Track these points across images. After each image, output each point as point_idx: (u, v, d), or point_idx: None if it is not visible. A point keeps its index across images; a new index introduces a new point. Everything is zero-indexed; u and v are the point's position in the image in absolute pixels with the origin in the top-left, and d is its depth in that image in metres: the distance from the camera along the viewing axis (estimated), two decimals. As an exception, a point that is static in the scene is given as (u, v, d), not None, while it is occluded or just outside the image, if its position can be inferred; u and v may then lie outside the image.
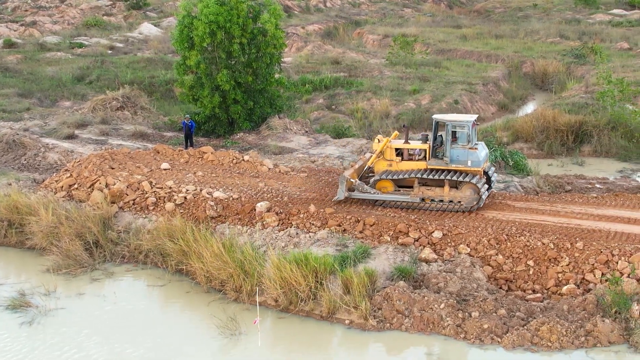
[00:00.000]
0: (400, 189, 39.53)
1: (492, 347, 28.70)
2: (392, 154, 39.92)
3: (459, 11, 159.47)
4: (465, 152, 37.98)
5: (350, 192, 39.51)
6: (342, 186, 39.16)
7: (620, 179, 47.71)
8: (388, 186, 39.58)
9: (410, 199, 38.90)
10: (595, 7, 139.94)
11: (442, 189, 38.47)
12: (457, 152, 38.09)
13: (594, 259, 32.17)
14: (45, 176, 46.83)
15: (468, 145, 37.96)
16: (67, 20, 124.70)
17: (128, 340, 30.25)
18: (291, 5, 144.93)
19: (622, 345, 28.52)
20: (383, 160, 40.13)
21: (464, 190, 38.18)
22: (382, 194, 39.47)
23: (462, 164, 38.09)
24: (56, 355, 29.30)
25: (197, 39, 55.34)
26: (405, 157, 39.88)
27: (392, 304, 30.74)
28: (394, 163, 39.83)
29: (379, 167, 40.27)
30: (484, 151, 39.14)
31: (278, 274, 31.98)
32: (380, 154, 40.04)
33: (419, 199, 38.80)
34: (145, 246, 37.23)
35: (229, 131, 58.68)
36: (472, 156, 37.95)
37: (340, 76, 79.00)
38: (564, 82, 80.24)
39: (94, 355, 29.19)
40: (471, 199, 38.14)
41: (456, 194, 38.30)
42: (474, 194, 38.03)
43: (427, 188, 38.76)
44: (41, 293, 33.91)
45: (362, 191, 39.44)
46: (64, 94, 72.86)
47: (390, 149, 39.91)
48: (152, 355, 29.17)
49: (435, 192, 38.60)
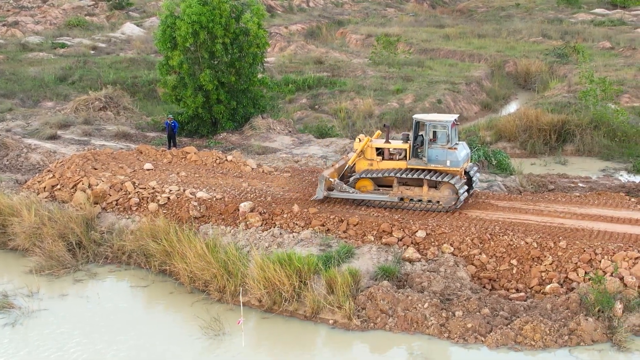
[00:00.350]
0: (379, 189, 39.64)
1: (476, 346, 28.73)
2: (372, 154, 40.00)
3: (441, 11, 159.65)
4: (444, 152, 38.00)
5: (329, 192, 39.66)
6: (321, 185, 39.35)
7: (603, 178, 47.88)
8: (368, 185, 39.68)
9: (388, 198, 39.01)
10: (578, 7, 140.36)
11: (421, 189, 38.60)
12: (436, 152, 38.14)
13: (577, 257, 32.25)
14: (27, 177, 46.66)
15: (447, 145, 37.95)
16: (50, 21, 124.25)
17: (111, 341, 30.14)
18: (274, 5, 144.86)
19: (606, 344, 28.58)
20: (364, 160, 40.20)
21: (442, 190, 38.24)
22: (361, 193, 39.58)
23: (441, 163, 38.15)
24: (39, 356, 29.15)
25: (179, 39, 55.25)
26: (386, 156, 39.98)
27: (375, 303, 30.74)
28: (375, 162, 39.91)
29: (360, 166, 40.32)
30: (464, 151, 39.15)
31: (262, 274, 31.94)
32: (361, 153, 40.14)
33: (397, 198, 38.91)
34: (128, 247, 37.14)
35: (212, 131, 58.63)
36: (451, 156, 37.97)
37: (324, 76, 79.04)
38: (547, 81, 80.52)
39: (77, 357, 29.06)
40: (449, 199, 38.19)
41: (435, 193, 38.39)
42: (452, 194, 38.07)
43: (407, 188, 38.88)
44: (24, 294, 33.78)
45: (340, 190, 39.57)
46: (46, 94, 72.65)
47: (371, 149, 39.99)
48: (135, 356, 29.07)
49: (414, 191, 38.74)
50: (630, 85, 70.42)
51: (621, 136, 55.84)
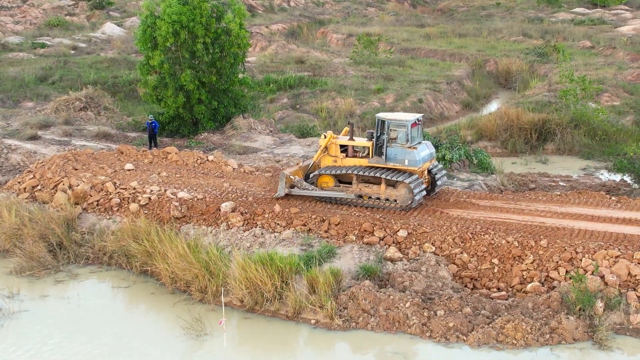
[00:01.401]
0: (340, 185, 40.01)
1: (458, 345, 28.80)
2: (336, 150, 40.39)
3: (422, 10, 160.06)
4: (403, 151, 38.15)
5: (290, 189, 40.01)
6: (282, 183, 39.73)
7: (584, 177, 48.11)
8: (329, 181, 40.11)
9: (345, 195, 39.38)
10: (558, 6, 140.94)
11: (379, 187, 38.89)
12: (395, 151, 38.33)
13: (558, 256, 32.38)
14: (7, 178, 46.49)
15: (407, 144, 38.08)
16: (30, 21, 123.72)
17: (92, 342, 30.05)
18: (255, 4, 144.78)
19: (587, 342, 28.73)
20: (328, 156, 40.57)
21: (399, 189, 38.47)
22: (321, 190, 39.95)
23: (400, 162, 38.33)
24: (20, 357, 29.05)
25: (160, 38, 55.10)
26: (349, 153, 40.26)
27: (357, 303, 30.77)
28: (339, 159, 40.26)
29: (324, 162, 40.72)
30: (426, 151, 39.27)
31: (243, 275, 31.94)
32: (325, 150, 40.53)
33: (354, 195, 39.25)
34: (109, 247, 37.07)
35: (193, 131, 58.53)
36: (410, 155, 38.08)
37: (305, 75, 79.09)
38: (527, 80, 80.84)
39: (58, 358, 28.97)
40: (406, 198, 38.39)
41: (392, 192, 38.66)
42: (408, 193, 38.27)
43: (366, 185, 39.19)
44: (4, 295, 33.62)
45: (301, 188, 39.97)
46: (26, 94, 72.28)
47: (335, 145, 40.37)
48: (116, 358, 29.00)
49: (372, 189, 39.05)
50: (610, 84, 70.77)
51: (601, 135, 56.11)
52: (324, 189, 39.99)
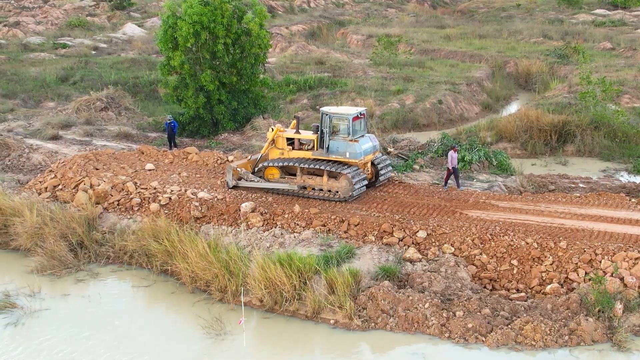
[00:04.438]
0: (285, 177, 41.30)
1: (477, 346, 28.81)
2: (283, 143, 41.82)
3: (442, 11, 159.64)
4: (344, 144, 39.55)
5: (238, 181, 41.54)
6: (229, 175, 41.41)
7: (603, 179, 47.90)
8: (275, 173, 41.46)
9: (289, 186, 40.57)
10: (578, 7, 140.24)
11: (322, 179, 40.09)
12: (337, 144, 39.74)
13: (578, 258, 32.33)
14: (29, 177, 46.75)
15: (348, 137, 39.38)
16: (51, 21, 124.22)
17: (112, 341, 30.22)
18: (275, 5, 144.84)
19: (606, 344, 28.68)
20: (275, 149, 42.01)
21: (341, 180, 39.61)
22: (266, 181, 41.31)
23: (341, 155, 39.75)
24: (41, 356, 29.24)
25: (181, 39, 55.28)
26: (296, 146, 41.60)
27: (376, 303, 30.82)
28: (285, 152, 41.70)
29: (272, 155, 42.19)
30: (368, 144, 40.58)
31: (263, 274, 32.04)
32: (272, 143, 41.91)
33: (298, 187, 40.45)
34: (130, 247, 37.25)
35: (213, 132, 58.68)
36: (351, 148, 39.47)
37: (325, 76, 79.01)
38: (547, 82, 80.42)
39: (78, 356, 29.13)
40: (347, 189, 39.54)
41: (334, 183, 39.88)
42: (349, 184, 39.30)
43: (309, 177, 40.42)
44: (26, 294, 33.86)
45: (247, 179, 41.49)
46: (47, 94, 72.66)
47: (282, 138, 41.78)
48: (136, 356, 29.12)
49: (316, 181, 40.32)
50: (631, 86, 70.40)
51: (622, 137, 55.88)
52: (270, 181, 41.31)
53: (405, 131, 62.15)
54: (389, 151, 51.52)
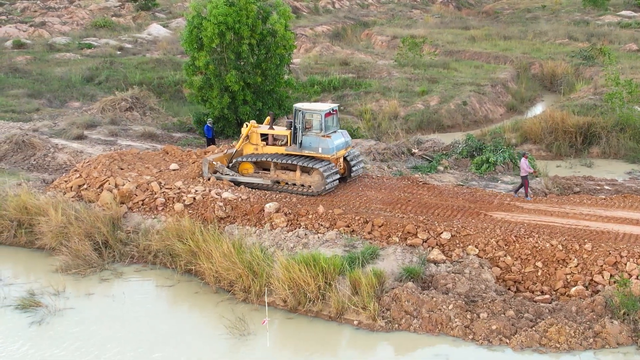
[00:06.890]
0: (259, 171, 42.35)
1: (501, 348, 28.72)
2: (257, 139, 42.87)
3: (467, 12, 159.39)
4: (317, 139, 40.56)
5: (213, 174, 42.61)
6: (205, 167, 42.56)
7: (629, 181, 47.65)
8: (249, 168, 42.58)
9: (262, 181, 41.62)
10: (604, 9, 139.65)
11: (295, 173, 41.02)
12: (310, 140, 40.79)
13: (603, 260, 32.20)
14: (54, 176, 46.99)
15: (321, 133, 40.36)
16: (76, 21, 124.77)
17: (137, 340, 30.33)
18: (300, 6, 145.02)
19: (631, 347, 28.52)
20: (250, 145, 43.06)
21: (313, 175, 40.60)
22: (240, 175, 42.35)
23: (314, 150, 40.74)
24: (65, 355, 29.39)
25: (206, 39, 55.38)
26: (270, 142, 42.76)
27: (400, 304, 30.78)
28: (260, 147, 42.79)
29: (246, 150, 43.21)
30: (340, 139, 41.58)
31: (287, 275, 32.06)
32: (246, 138, 42.92)
33: (271, 181, 41.45)
34: (154, 246, 37.36)
35: (238, 132, 58.65)
36: (323, 144, 40.38)
37: (349, 77, 79.03)
38: (573, 83, 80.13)
39: (103, 355, 29.24)
40: (319, 184, 40.46)
41: (307, 178, 40.88)
42: (322, 179, 40.20)
43: (283, 172, 41.40)
44: (50, 293, 34.00)
45: (222, 173, 42.61)
46: (73, 94, 72.98)
47: (256, 134, 42.82)
48: (160, 356, 29.23)
49: (289, 175, 41.32)
50: (657, 88, 70.04)
51: (647, 139, 55.65)
52: (244, 175, 42.35)
53: (430, 132, 62.15)
54: (413, 152, 51.47)
